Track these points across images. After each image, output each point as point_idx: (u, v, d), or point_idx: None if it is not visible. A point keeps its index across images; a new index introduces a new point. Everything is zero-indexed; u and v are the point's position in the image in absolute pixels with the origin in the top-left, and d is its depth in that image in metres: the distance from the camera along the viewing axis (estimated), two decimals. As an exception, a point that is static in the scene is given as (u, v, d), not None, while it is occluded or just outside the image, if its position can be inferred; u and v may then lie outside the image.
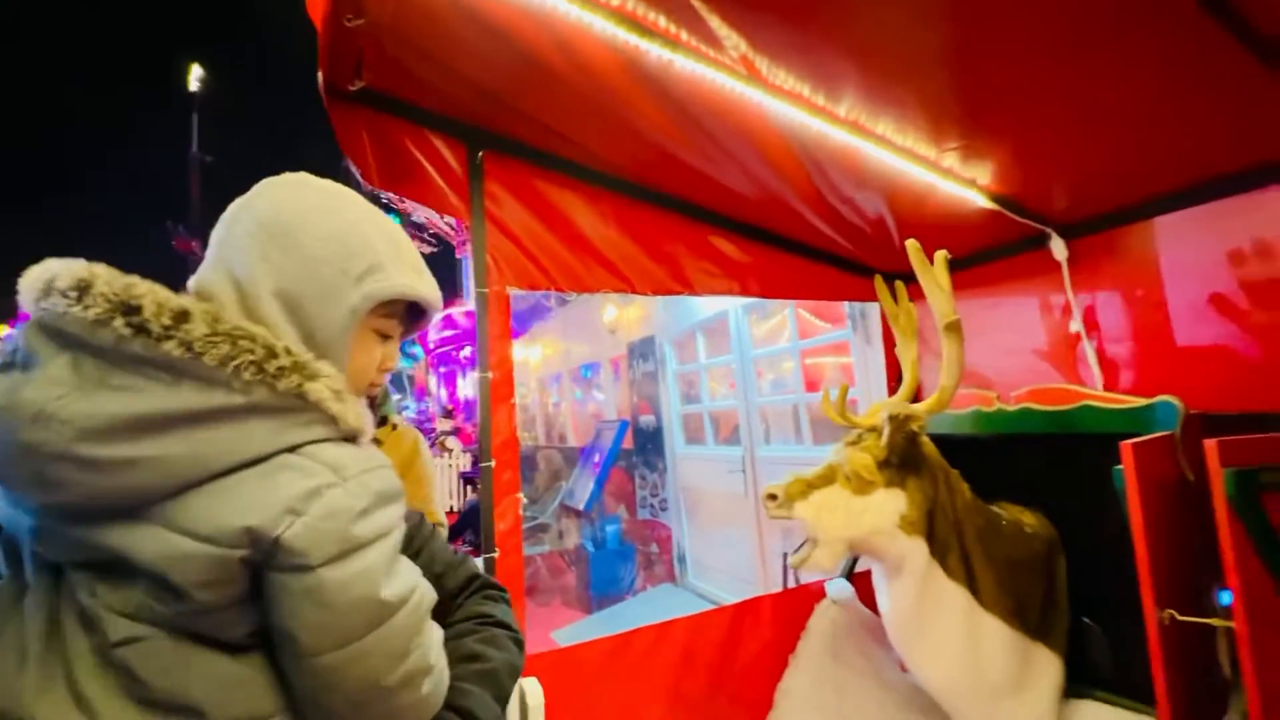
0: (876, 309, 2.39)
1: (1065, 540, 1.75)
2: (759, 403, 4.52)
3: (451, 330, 13.33)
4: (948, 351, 1.59)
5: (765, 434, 4.49)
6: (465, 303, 14.06)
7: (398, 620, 0.63)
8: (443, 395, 14.09)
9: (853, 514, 1.55)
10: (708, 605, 2.93)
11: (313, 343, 0.69)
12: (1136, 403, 1.55)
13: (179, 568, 0.57)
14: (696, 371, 5.27)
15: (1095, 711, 1.62)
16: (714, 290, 2.11)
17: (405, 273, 0.74)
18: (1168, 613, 1.18)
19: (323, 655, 0.60)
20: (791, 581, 2.49)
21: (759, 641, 2.02)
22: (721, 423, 5.05)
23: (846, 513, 1.54)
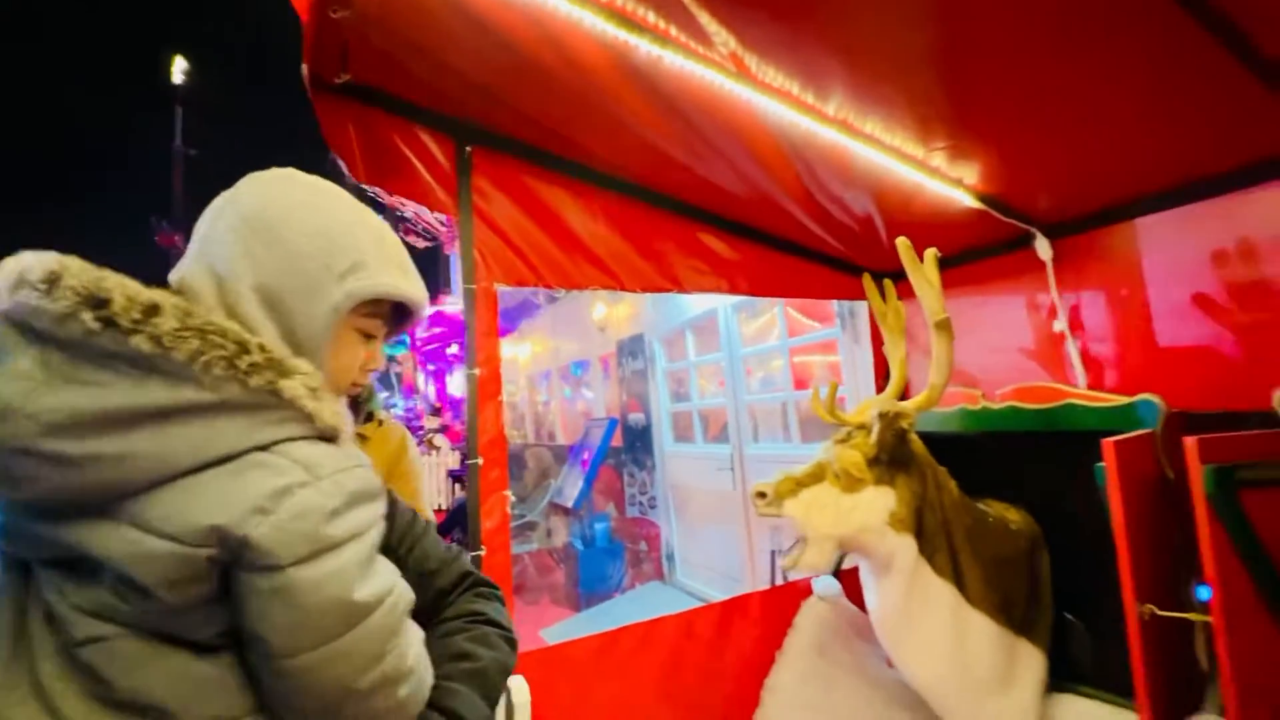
0: (865, 307, 2.40)
1: (1048, 537, 1.77)
2: (748, 401, 4.53)
3: (440, 328, 13.25)
4: (937, 349, 1.60)
5: (754, 432, 4.51)
6: (448, 299, 13.98)
7: (372, 622, 0.62)
8: (431, 393, 14.00)
9: (842, 511, 1.55)
10: (696, 603, 2.93)
11: (293, 340, 0.68)
12: (1119, 401, 1.57)
13: (144, 566, 0.56)
14: (686, 369, 5.27)
15: (1077, 705, 1.64)
16: (703, 288, 2.11)
17: (390, 272, 0.74)
18: (1147, 608, 1.20)
19: (293, 657, 0.59)
20: (779, 579, 2.50)
21: (747, 638, 2.03)
22: (710, 421, 5.07)
23: (836, 510, 1.55)
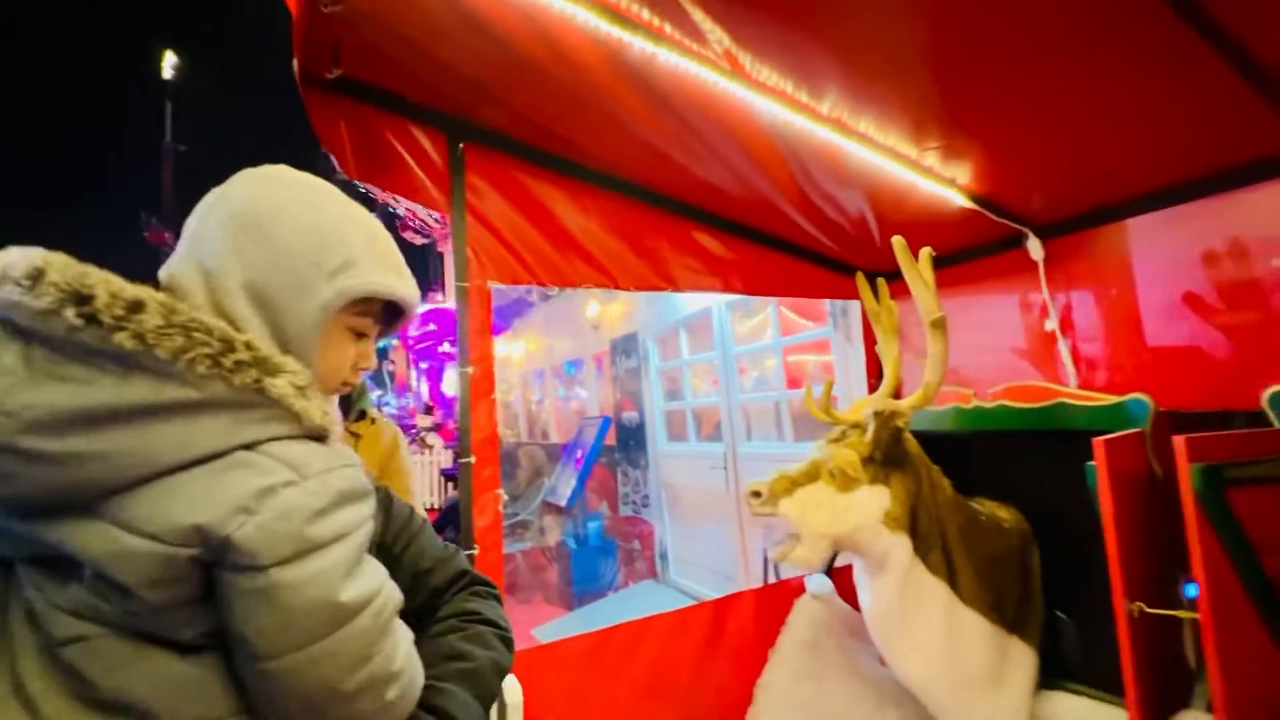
0: (858, 307, 2.41)
1: (1039, 535, 1.78)
2: (741, 399, 4.54)
3: (433, 325, 13.21)
4: (933, 348, 1.60)
5: (747, 430, 4.52)
6: (438, 298, 13.95)
7: (358, 623, 0.61)
8: (424, 391, 13.95)
9: (837, 510, 1.55)
10: (689, 601, 2.94)
11: (282, 338, 0.67)
12: (1109, 400, 1.58)
13: (125, 565, 0.56)
14: (679, 368, 5.27)
15: (1067, 702, 1.66)
16: (697, 286, 2.11)
17: (381, 270, 0.73)
18: (1136, 605, 1.21)
19: (277, 658, 0.58)
20: (772, 577, 2.50)
21: (740, 637, 2.03)
22: (704, 419, 5.07)
23: (831, 509, 1.55)
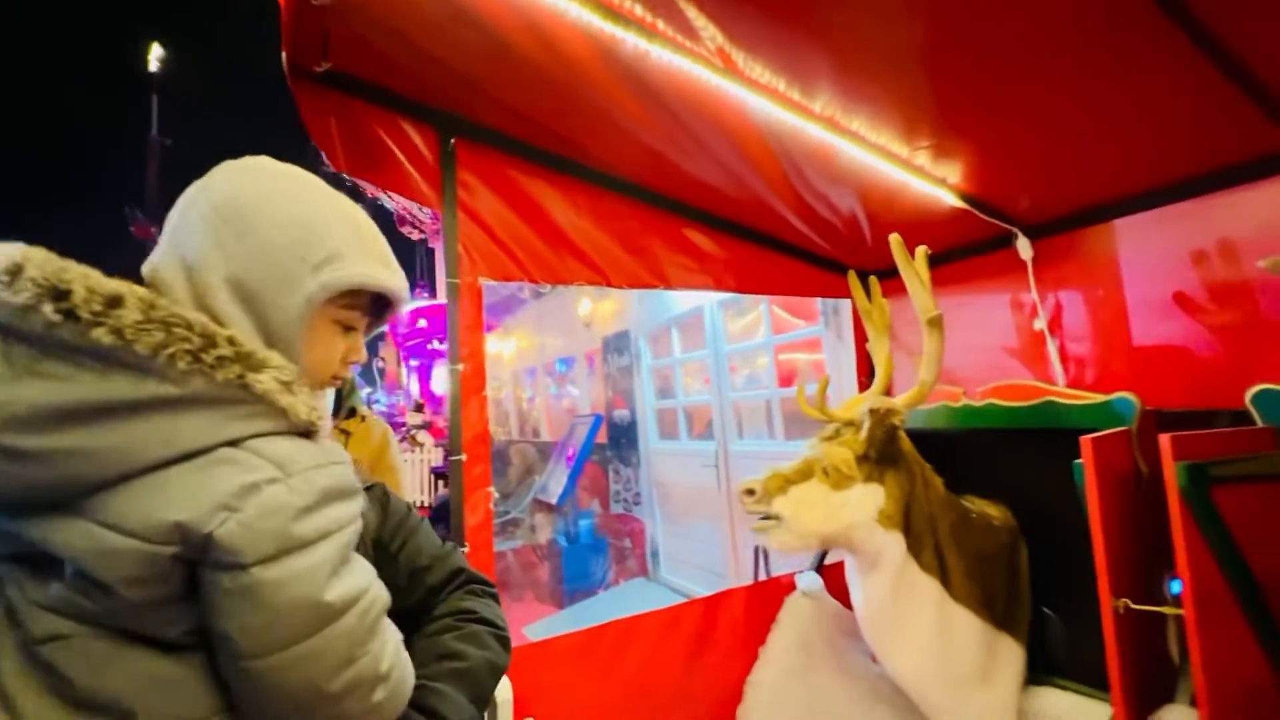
0: (849, 305, 2.42)
1: (1027, 532, 1.80)
2: (733, 398, 4.55)
3: (423, 321, 13.14)
4: (928, 346, 1.60)
5: (739, 429, 4.53)
6: (423, 295, 13.86)
7: (343, 624, 0.61)
8: (414, 388, 13.86)
9: (832, 508, 1.55)
10: (680, 599, 2.94)
11: (267, 332, 0.66)
12: (1097, 399, 1.60)
13: (105, 563, 0.55)
14: (671, 366, 5.28)
15: (1053, 698, 1.67)
16: (689, 285, 2.10)
17: (367, 262, 0.72)
18: (1122, 601, 1.22)
19: (261, 658, 0.58)
20: (763, 574, 2.51)
21: (730, 634, 2.03)
22: (695, 417, 5.08)
23: (825, 507, 1.55)
